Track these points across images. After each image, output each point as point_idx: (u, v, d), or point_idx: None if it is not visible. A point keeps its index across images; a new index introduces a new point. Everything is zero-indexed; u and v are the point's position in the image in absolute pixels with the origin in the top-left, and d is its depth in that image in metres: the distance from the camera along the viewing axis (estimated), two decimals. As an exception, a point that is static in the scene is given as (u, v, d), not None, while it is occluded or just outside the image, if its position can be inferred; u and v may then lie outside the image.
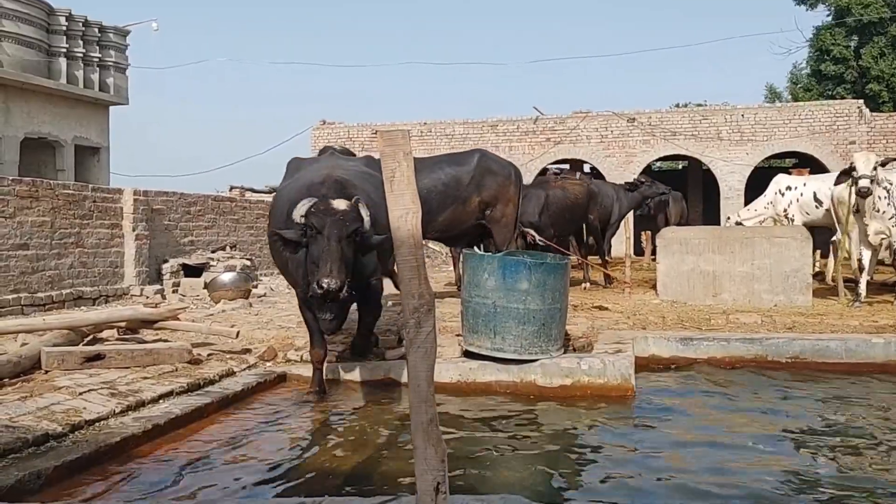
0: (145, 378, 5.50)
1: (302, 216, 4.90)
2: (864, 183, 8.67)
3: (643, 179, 14.76)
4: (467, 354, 6.11)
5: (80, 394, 4.92)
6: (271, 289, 11.86)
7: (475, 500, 2.69)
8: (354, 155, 8.52)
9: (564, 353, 6.10)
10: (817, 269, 12.37)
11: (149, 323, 6.94)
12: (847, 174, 9.12)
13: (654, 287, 10.28)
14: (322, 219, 4.84)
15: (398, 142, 2.38)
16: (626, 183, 14.62)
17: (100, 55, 20.93)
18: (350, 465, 4.17)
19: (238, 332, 6.81)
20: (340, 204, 4.95)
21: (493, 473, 4.04)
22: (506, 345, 5.83)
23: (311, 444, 4.60)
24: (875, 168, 8.72)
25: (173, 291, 11.15)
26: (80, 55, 20.22)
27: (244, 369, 6.16)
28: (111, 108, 21.72)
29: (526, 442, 4.62)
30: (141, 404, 4.88)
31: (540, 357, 5.85)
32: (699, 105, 29.87)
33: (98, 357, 5.77)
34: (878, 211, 8.96)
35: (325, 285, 4.69)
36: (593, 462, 4.24)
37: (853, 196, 9.11)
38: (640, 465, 4.15)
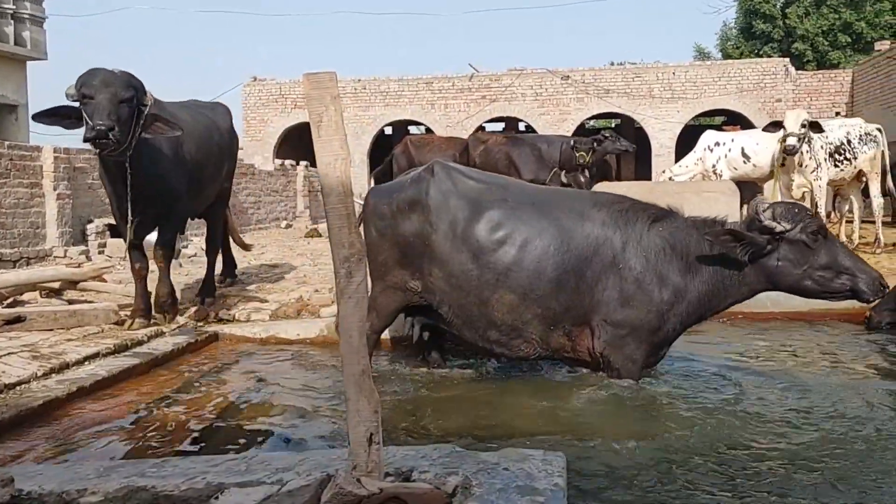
0: (69, 340, 5.32)
1: (779, 220, 4.08)
2: (790, 141, 8.86)
3: (607, 135, 14.68)
4: (403, 310, 6.08)
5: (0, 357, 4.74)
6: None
7: (408, 450, 2.68)
8: None
9: (499, 307, 6.11)
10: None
11: (73, 283, 6.70)
12: (776, 126, 9.27)
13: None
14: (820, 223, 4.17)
15: (325, 84, 2.29)
16: (591, 139, 14.55)
17: (14, 7, 19.81)
18: (283, 422, 4.13)
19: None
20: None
21: (427, 424, 4.05)
22: (441, 299, 5.81)
23: (244, 402, 4.52)
24: (804, 126, 8.90)
25: (99, 252, 10.79)
26: (-8, 7, 19.14)
27: (174, 330, 6.01)
28: (29, 63, 20.68)
29: (461, 393, 4.64)
30: (65, 366, 4.73)
31: (475, 311, 5.84)
32: (633, 63, 30.15)
33: (19, 319, 5.56)
34: (800, 164, 9.20)
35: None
36: (527, 411, 4.27)
37: (779, 151, 9.32)
38: (573, 412, 4.21)
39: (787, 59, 22.96)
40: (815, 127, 9.03)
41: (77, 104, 5.13)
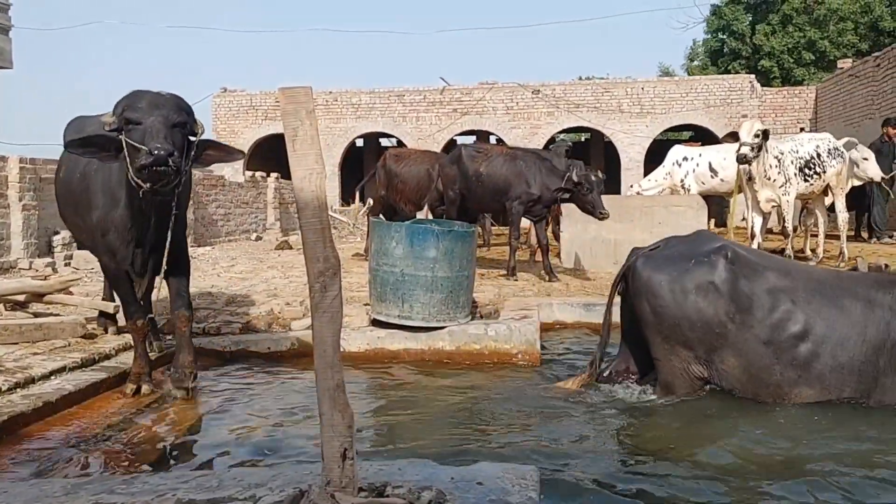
0: (35, 354, 5.22)
1: None
2: (743, 150, 9.00)
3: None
4: (375, 323, 6.08)
5: (-38, 372, 4.63)
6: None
7: (382, 464, 2.67)
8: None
9: (472, 320, 6.14)
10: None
11: (38, 296, 6.59)
12: (735, 137, 9.42)
13: (558, 255, 10.47)
14: None
15: (300, 99, 2.30)
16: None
17: (-21, 15, 19.55)
18: (255, 437, 4.09)
19: (116, 306, 6.35)
20: None
21: (401, 439, 4.04)
22: (413, 313, 5.83)
23: (214, 416, 4.47)
24: (758, 136, 9.03)
25: (66, 264, 10.63)
26: (-43, 14, 18.83)
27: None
28: (-7, 72, 20.39)
29: (434, 407, 4.63)
30: (31, 381, 4.63)
31: (448, 324, 5.87)
32: (602, 78, 30.49)
33: (-18, 333, 5.44)
34: (769, 179, 9.35)
35: None
36: (499, 424, 4.29)
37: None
38: (544, 425, 4.22)
39: (753, 76, 23.38)
40: (765, 135, 9.16)
41: (115, 133, 4.20)
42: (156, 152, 3.98)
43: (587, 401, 4.63)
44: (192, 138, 4.38)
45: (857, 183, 11.36)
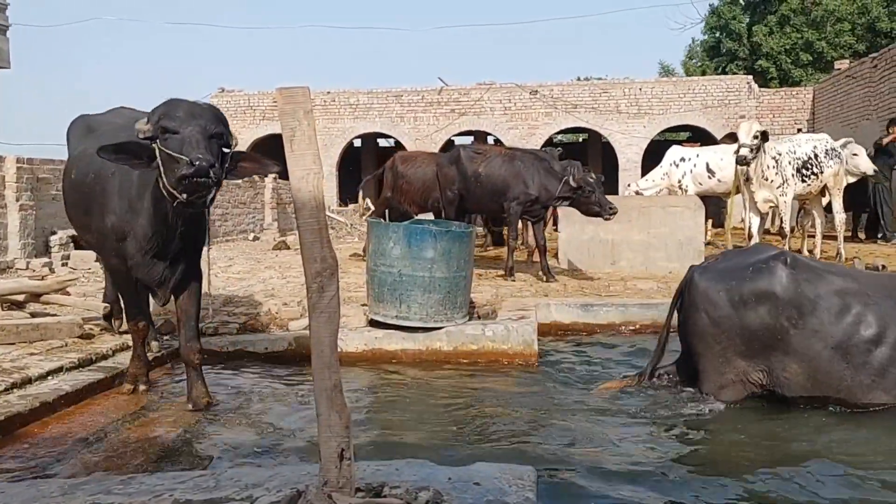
0: (32, 354, 5.22)
1: None
2: (742, 151, 9.01)
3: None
4: (373, 324, 6.08)
5: (-41, 372, 4.63)
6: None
7: (379, 465, 2.68)
8: None
9: (469, 320, 6.14)
10: (708, 238, 12.89)
11: (35, 296, 6.58)
12: (733, 138, 9.42)
13: (555, 255, 10.47)
14: None
15: (298, 99, 2.30)
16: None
17: (-24, 14, 19.52)
18: (252, 437, 4.08)
19: (107, 307, 6.32)
20: None
21: (398, 439, 4.04)
22: (411, 313, 5.83)
23: (211, 416, 4.47)
24: (757, 137, 9.04)
25: (63, 264, 10.62)
26: (-46, 14, 18.79)
27: (140, 343, 5.90)
28: (-10, 71, 20.35)
29: (431, 407, 4.64)
30: (27, 381, 4.63)
31: (445, 325, 5.88)
32: (600, 79, 30.48)
33: (-21, 333, 5.43)
34: (766, 179, 9.36)
35: None
36: (497, 425, 4.29)
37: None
38: (543, 425, 4.23)
39: (751, 77, 23.41)
40: (764, 136, 9.17)
41: (149, 142, 4.01)
42: (197, 163, 3.79)
43: (587, 403, 4.63)
44: (227, 150, 4.18)
45: (851, 180, 11.35)
